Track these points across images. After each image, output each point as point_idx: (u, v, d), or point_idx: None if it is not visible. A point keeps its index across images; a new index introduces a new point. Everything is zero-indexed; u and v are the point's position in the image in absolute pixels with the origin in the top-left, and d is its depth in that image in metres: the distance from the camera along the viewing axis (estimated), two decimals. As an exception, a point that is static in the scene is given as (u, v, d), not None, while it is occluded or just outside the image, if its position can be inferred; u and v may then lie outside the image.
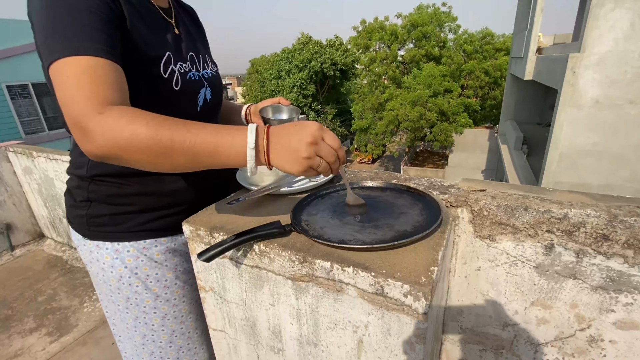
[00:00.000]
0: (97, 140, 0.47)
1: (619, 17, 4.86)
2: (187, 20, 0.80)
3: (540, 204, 0.70)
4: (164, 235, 0.75)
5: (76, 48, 0.49)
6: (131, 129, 0.47)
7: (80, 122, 0.48)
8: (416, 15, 19.19)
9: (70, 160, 0.73)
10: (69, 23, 0.50)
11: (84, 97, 0.48)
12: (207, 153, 0.50)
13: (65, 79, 0.49)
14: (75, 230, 0.73)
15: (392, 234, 0.60)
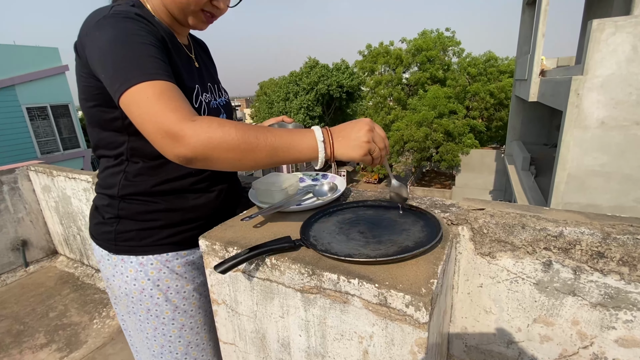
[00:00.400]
0: (191, 142, 0.53)
1: (620, 41, 4.97)
2: (202, 54, 0.89)
3: (536, 222, 0.73)
4: (185, 248, 0.80)
5: (149, 75, 0.56)
6: (223, 131, 0.54)
7: (172, 129, 0.53)
8: (420, 40, 19.75)
9: (99, 181, 0.80)
10: (136, 55, 0.57)
11: (171, 110, 0.54)
12: (284, 148, 0.58)
13: (146, 99, 0.55)
14: (100, 246, 0.78)
15: (395, 249, 0.64)
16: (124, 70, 0.56)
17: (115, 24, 0.59)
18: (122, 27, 0.59)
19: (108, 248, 0.77)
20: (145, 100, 0.55)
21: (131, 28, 0.59)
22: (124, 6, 0.65)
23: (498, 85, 18.40)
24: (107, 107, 0.67)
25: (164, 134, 0.54)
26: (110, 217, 0.76)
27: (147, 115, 0.55)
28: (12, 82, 10.59)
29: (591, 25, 5.02)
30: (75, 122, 12.73)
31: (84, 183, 2.13)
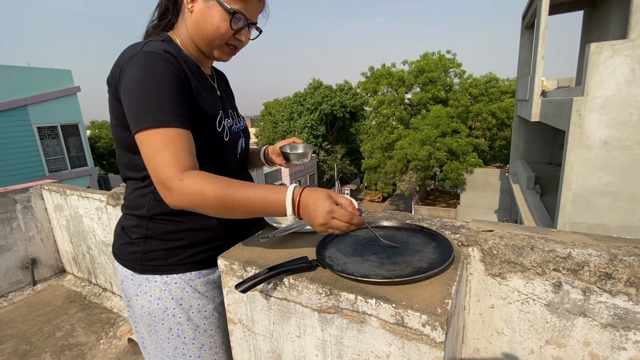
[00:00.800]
0: (178, 198, 0.64)
1: (618, 63, 5.08)
2: (222, 83, 0.96)
3: (545, 243, 0.76)
4: (206, 267, 0.83)
5: (163, 121, 0.64)
6: (203, 192, 0.63)
7: (165, 184, 0.64)
8: (422, 61, 20.23)
9: (127, 203, 0.84)
10: (156, 100, 0.64)
11: (168, 165, 0.63)
12: (259, 208, 0.67)
13: (154, 147, 0.64)
14: (125, 266, 0.81)
15: (409, 270, 0.67)
16: (142, 112, 0.64)
17: (144, 63, 0.66)
18: (149, 67, 0.66)
19: (133, 268, 0.79)
20: (153, 147, 0.64)
21: (157, 70, 0.66)
22: (155, 42, 0.71)
23: (500, 106, 18.64)
24: None
25: (159, 183, 0.65)
26: (137, 238, 0.80)
27: (151, 162, 0.65)
28: (25, 103, 10.92)
29: (589, 48, 5.16)
30: (84, 141, 12.99)
31: (97, 202, 2.18)
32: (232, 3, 0.72)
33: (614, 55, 5.07)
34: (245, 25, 0.76)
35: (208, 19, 0.73)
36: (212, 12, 0.72)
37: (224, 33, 0.74)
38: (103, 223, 2.22)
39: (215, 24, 0.73)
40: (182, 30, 0.78)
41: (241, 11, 0.73)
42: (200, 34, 0.75)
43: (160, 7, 0.81)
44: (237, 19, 0.73)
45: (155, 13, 0.82)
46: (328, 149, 27.91)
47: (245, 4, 0.73)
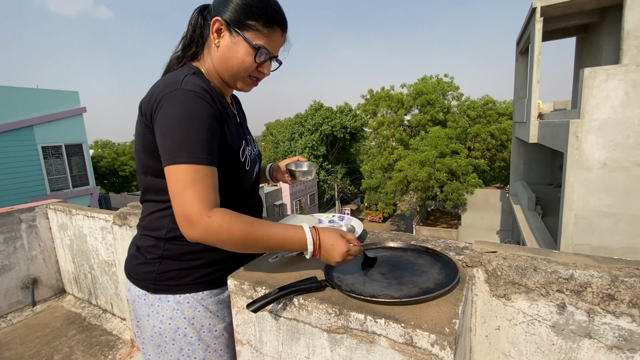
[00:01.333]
0: (201, 234, 0.67)
1: (612, 87, 5.22)
2: (237, 108, 1.00)
3: (547, 265, 0.78)
4: (217, 287, 0.85)
5: (194, 158, 0.68)
6: (230, 230, 0.68)
7: (191, 218, 0.67)
8: (421, 84, 20.74)
9: (144, 224, 0.86)
10: (192, 138, 0.68)
11: (197, 200, 0.67)
12: (277, 246, 0.73)
13: (184, 182, 0.67)
14: (138, 285, 0.83)
15: (417, 290, 0.69)
16: (178, 147, 0.68)
17: (183, 101, 0.70)
18: (189, 105, 0.70)
19: (147, 287, 0.81)
20: (183, 182, 0.67)
21: (195, 109, 0.70)
22: (192, 78, 0.75)
23: (498, 127, 18.93)
24: None
25: (184, 218, 0.67)
26: (153, 258, 0.82)
27: (178, 195, 0.68)
28: (32, 123, 11.12)
29: (583, 73, 5.32)
30: (86, 161, 13.11)
31: (102, 222, 2.20)
32: (257, 39, 0.76)
33: (608, 80, 5.22)
34: (268, 59, 0.81)
35: (234, 53, 0.77)
36: (237, 47, 0.77)
37: (248, 66, 0.78)
38: (107, 243, 2.22)
39: (240, 58, 0.77)
40: (208, 62, 0.82)
41: (265, 46, 0.77)
42: (225, 66, 0.80)
43: (185, 39, 0.85)
44: (261, 54, 0.78)
45: (179, 45, 0.86)
46: (328, 168, 28.07)
47: (269, 39, 0.78)
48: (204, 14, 0.83)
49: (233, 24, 0.76)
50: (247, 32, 0.76)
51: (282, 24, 0.79)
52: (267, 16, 0.76)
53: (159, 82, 0.77)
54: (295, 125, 28.88)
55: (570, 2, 7.03)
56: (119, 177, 26.30)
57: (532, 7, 7.46)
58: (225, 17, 0.76)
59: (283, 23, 0.80)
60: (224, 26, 0.76)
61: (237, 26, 0.76)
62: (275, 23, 0.78)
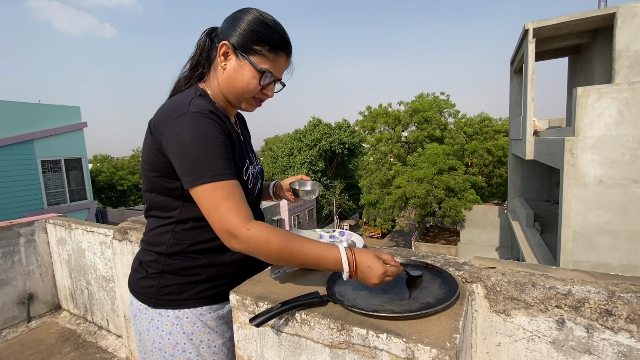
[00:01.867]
0: (242, 245, 0.70)
1: (605, 105, 5.34)
2: (241, 126, 1.03)
3: (545, 280, 0.79)
4: (216, 302, 0.85)
5: (219, 175, 0.71)
6: (268, 242, 0.70)
7: (232, 231, 0.69)
8: (417, 102, 21.09)
9: (147, 239, 0.87)
10: (212, 157, 0.71)
11: (233, 214, 0.70)
12: (312, 262, 0.74)
13: (216, 199, 0.70)
14: (139, 299, 0.83)
15: (418, 305, 0.70)
16: (200, 167, 0.71)
17: (194, 123, 0.72)
18: (200, 126, 0.72)
19: (147, 302, 0.82)
20: (215, 199, 0.70)
21: (207, 128, 0.73)
22: (198, 100, 0.78)
23: (495, 144, 19.14)
24: (170, 178, 0.78)
25: (225, 231, 0.70)
26: (154, 272, 0.83)
27: (215, 212, 0.70)
28: (33, 137, 11.18)
29: (576, 92, 5.45)
30: (85, 175, 13.10)
31: (102, 236, 2.20)
32: (262, 63, 0.79)
33: (601, 98, 5.34)
34: (272, 81, 0.84)
35: (239, 76, 0.80)
36: (243, 70, 0.80)
37: (252, 89, 0.82)
38: (106, 257, 2.21)
39: (245, 80, 0.80)
40: (214, 84, 0.86)
41: (270, 70, 0.80)
42: (230, 88, 0.83)
43: (192, 60, 0.89)
44: (266, 77, 0.81)
45: (187, 65, 0.90)
46: (327, 184, 28.11)
47: (273, 64, 0.81)
48: (211, 37, 0.86)
49: (240, 48, 0.79)
50: (253, 56, 0.79)
51: (286, 49, 0.82)
52: (273, 42, 0.79)
53: (167, 104, 0.80)
54: (294, 140, 29.13)
55: (561, 24, 7.29)
56: (117, 192, 26.22)
57: (525, 29, 7.72)
58: (232, 41, 0.79)
59: (288, 49, 0.83)
60: (231, 50, 0.79)
61: (243, 50, 0.79)
62: (280, 49, 0.81)
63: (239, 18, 0.80)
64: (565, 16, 7.17)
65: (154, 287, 0.81)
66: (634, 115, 5.20)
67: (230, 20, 0.81)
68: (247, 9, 0.81)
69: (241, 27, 0.79)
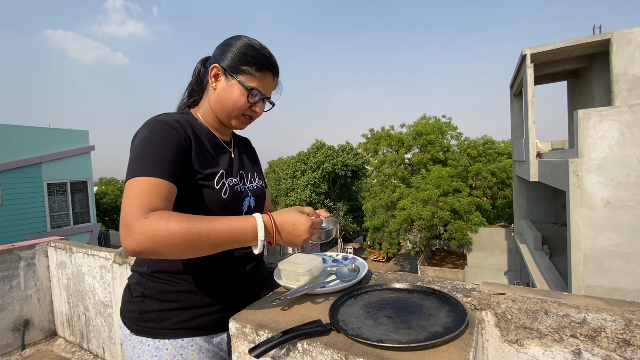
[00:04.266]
0: (139, 237, 0.61)
1: (607, 127, 5.36)
2: (242, 147, 1.05)
3: (558, 308, 0.76)
4: (200, 334, 0.82)
5: (148, 171, 0.69)
6: (168, 227, 0.62)
7: (128, 223, 0.62)
8: (420, 125, 21.34)
9: (135, 259, 0.87)
10: (150, 154, 0.72)
11: (137, 205, 0.64)
12: (226, 238, 0.68)
13: (131, 190, 0.67)
14: (125, 324, 0.81)
15: (425, 334, 0.66)
16: (134, 164, 0.71)
17: (151, 127, 0.76)
18: (154, 131, 0.75)
19: (130, 327, 0.79)
20: (131, 191, 0.67)
21: (160, 132, 0.75)
22: (170, 114, 0.83)
23: (498, 166, 19.13)
24: None
25: (122, 225, 0.64)
26: (137, 296, 0.81)
27: (124, 205, 0.66)
28: (40, 160, 11.37)
29: (577, 114, 5.50)
30: (90, 198, 13.18)
31: (102, 260, 2.17)
32: (250, 82, 0.84)
33: (602, 120, 5.37)
34: (260, 99, 0.88)
35: (229, 94, 0.85)
36: (232, 88, 0.85)
37: (241, 106, 0.86)
38: (105, 282, 2.18)
39: (234, 98, 0.85)
40: (205, 105, 0.91)
41: (257, 88, 0.85)
42: (220, 106, 0.87)
43: (190, 86, 0.96)
44: (254, 95, 0.85)
45: (185, 92, 0.97)
46: (330, 206, 27.99)
47: (261, 82, 0.86)
48: (205, 65, 0.93)
49: (229, 69, 0.84)
50: (242, 75, 0.84)
51: (272, 69, 0.88)
52: (259, 62, 0.85)
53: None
54: (297, 163, 29.33)
55: (558, 49, 7.47)
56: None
57: (523, 54, 7.91)
58: (222, 64, 0.85)
59: (274, 68, 0.88)
60: (220, 71, 0.85)
61: (232, 71, 0.84)
62: (266, 68, 0.86)
63: (229, 44, 0.86)
64: (561, 42, 7.37)
65: (136, 312, 0.79)
66: (636, 136, 5.21)
67: (221, 47, 0.88)
68: (237, 36, 0.88)
69: (231, 52, 0.85)
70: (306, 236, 0.71)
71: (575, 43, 7.17)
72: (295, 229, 0.71)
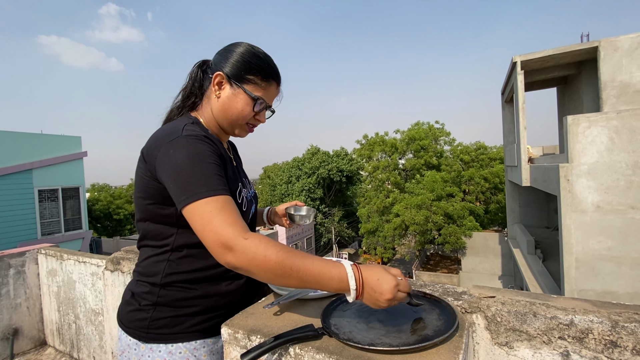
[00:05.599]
0: (240, 257, 0.64)
1: (596, 133, 5.46)
2: (233, 153, 1.05)
3: (546, 310, 0.77)
4: (211, 336, 0.82)
5: (213, 190, 0.69)
6: (266, 254, 0.64)
7: (228, 243, 0.64)
8: (413, 131, 21.54)
9: (139, 269, 0.85)
10: (204, 174, 0.71)
11: (229, 225, 0.65)
12: (314, 279, 0.66)
13: (209, 212, 0.67)
14: (129, 334, 0.80)
15: (416, 338, 0.67)
16: (192, 186, 0.69)
17: (187, 145, 0.74)
18: (193, 148, 0.73)
19: (138, 336, 0.78)
20: (208, 213, 0.67)
21: (200, 149, 0.74)
22: (191, 126, 0.80)
23: (491, 171, 19.34)
24: (164, 204, 0.78)
25: (221, 244, 0.65)
26: (147, 304, 0.80)
27: (208, 225, 0.66)
28: (32, 167, 11.21)
29: (567, 120, 5.60)
30: (82, 205, 12.99)
31: (94, 267, 2.14)
32: (256, 91, 0.84)
33: (591, 126, 5.48)
34: (264, 108, 0.88)
35: (234, 103, 0.84)
36: (237, 97, 0.84)
37: (246, 115, 0.85)
38: (97, 289, 2.15)
39: (240, 107, 0.84)
40: (207, 112, 0.89)
41: (262, 97, 0.85)
42: (225, 115, 0.86)
43: (185, 91, 0.92)
44: (259, 104, 0.85)
45: (179, 96, 0.93)
46: (325, 212, 27.96)
47: (265, 91, 0.86)
48: (203, 68, 0.91)
49: (234, 78, 0.83)
50: (247, 84, 0.83)
51: (277, 78, 0.88)
52: (264, 71, 0.84)
53: (159, 131, 0.82)
54: (292, 168, 29.34)
55: (547, 57, 7.63)
56: (113, 221, 25.91)
57: (513, 62, 8.06)
58: (226, 71, 0.83)
59: (278, 78, 0.89)
60: (225, 79, 0.84)
61: (237, 80, 0.83)
62: (271, 77, 0.86)
63: (231, 50, 0.85)
64: (550, 50, 7.53)
65: (147, 320, 0.78)
66: (625, 142, 5.31)
67: (223, 53, 0.86)
68: (239, 43, 0.87)
69: (234, 59, 0.83)
70: (389, 296, 0.64)
71: (564, 51, 7.34)
72: (379, 286, 0.65)
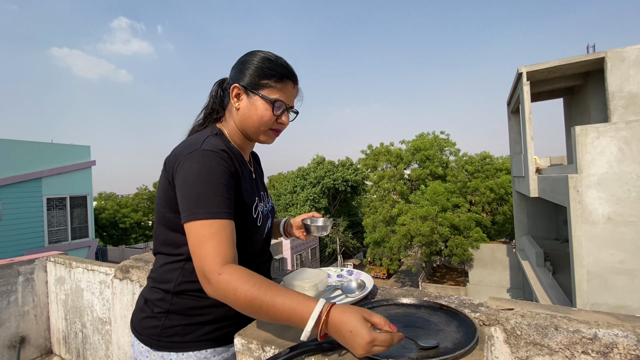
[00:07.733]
0: (214, 291, 0.68)
1: (605, 143, 5.41)
2: (255, 165, 1.05)
3: (568, 323, 0.75)
4: (221, 345, 0.81)
5: (212, 213, 0.70)
6: (235, 292, 0.66)
7: (206, 275, 0.68)
8: (418, 141, 21.54)
9: (154, 276, 0.86)
10: (209, 194, 0.72)
11: (211, 256, 0.68)
12: (284, 318, 0.65)
13: (201, 236, 0.69)
14: (142, 341, 0.80)
15: (435, 350, 0.65)
16: (195, 204, 0.71)
17: (201, 160, 0.74)
18: (206, 164, 0.74)
19: (150, 343, 0.78)
20: (200, 237, 0.69)
21: (212, 165, 0.74)
22: (212, 139, 0.81)
23: (497, 182, 19.17)
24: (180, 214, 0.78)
25: (202, 273, 0.69)
26: (159, 312, 0.80)
27: (197, 251, 0.69)
28: (41, 175, 11.37)
29: (574, 130, 5.56)
30: (89, 213, 13.10)
31: (102, 275, 2.14)
32: (272, 94, 0.83)
33: (600, 137, 5.42)
34: (285, 110, 0.87)
35: (253, 110, 0.84)
36: (255, 104, 0.84)
37: (267, 120, 0.85)
38: (104, 298, 2.14)
39: (260, 113, 0.84)
40: (230, 124, 0.90)
41: (280, 99, 0.84)
42: (247, 124, 0.86)
43: (206, 109, 0.94)
44: (278, 107, 0.85)
45: (201, 114, 0.95)
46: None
47: (282, 92, 0.85)
48: (222, 87, 0.93)
49: (250, 87, 0.84)
50: (263, 90, 0.84)
51: (292, 77, 0.87)
52: (278, 73, 0.84)
53: (182, 142, 0.83)
54: (297, 178, 29.40)
55: (553, 67, 7.64)
56: (119, 230, 26.04)
57: (519, 72, 8.08)
58: (242, 83, 0.84)
59: (293, 76, 0.87)
60: (241, 90, 0.85)
61: (253, 87, 0.84)
62: (286, 77, 0.85)
63: (245, 61, 0.86)
64: (556, 60, 7.54)
65: (159, 327, 0.78)
66: (635, 152, 5.25)
67: (237, 66, 0.87)
68: (251, 52, 0.88)
69: (247, 68, 0.84)
70: (361, 352, 0.58)
71: (570, 61, 7.34)
72: (352, 338, 0.59)
